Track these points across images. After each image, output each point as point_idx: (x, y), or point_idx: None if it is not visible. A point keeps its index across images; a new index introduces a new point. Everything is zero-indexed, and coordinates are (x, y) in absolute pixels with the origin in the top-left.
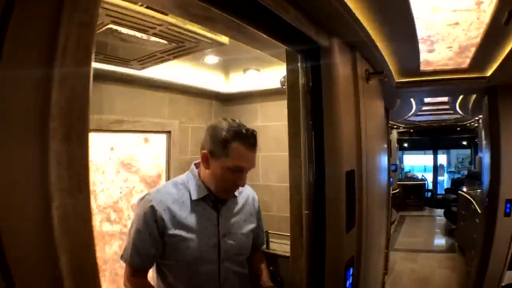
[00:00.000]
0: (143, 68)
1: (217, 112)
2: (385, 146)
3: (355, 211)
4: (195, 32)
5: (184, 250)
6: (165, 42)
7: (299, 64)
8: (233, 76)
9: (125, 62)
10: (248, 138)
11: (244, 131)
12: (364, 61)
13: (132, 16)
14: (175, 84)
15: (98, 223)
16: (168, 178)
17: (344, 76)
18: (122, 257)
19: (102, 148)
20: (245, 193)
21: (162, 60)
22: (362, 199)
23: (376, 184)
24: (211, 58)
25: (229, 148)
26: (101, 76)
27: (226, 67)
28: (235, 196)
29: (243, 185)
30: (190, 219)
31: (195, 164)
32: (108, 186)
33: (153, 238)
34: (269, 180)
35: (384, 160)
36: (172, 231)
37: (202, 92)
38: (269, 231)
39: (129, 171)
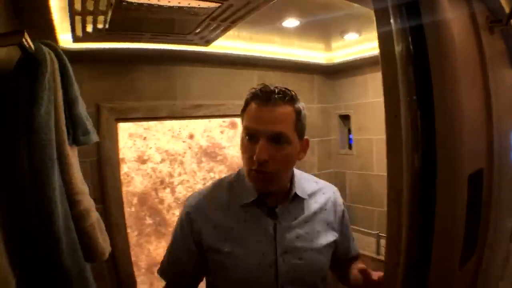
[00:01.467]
0: (207, 43)
1: (321, 88)
2: None
3: (478, 236)
4: None
5: (229, 270)
6: (203, 5)
7: (392, 25)
8: (335, 44)
9: (180, 39)
10: (262, 93)
11: (264, 89)
12: (481, 4)
13: None
14: (264, 59)
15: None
16: None
17: (459, 32)
18: (158, 270)
19: (177, 137)
20: (320, 195)
21: (223, 29)
22: (490, 216)
23: None
24: (290, 22)
25: (245, 110)
26: (172, 58)
27: (324, 32)
28: (303, 199)
29: (258, 158)
30: (238, 229)
31: None
32: (188, 178)
33: (190, 253)
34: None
35: None
36: (214, 245)
37: (299, 66)
38: None
39: (213, 161)
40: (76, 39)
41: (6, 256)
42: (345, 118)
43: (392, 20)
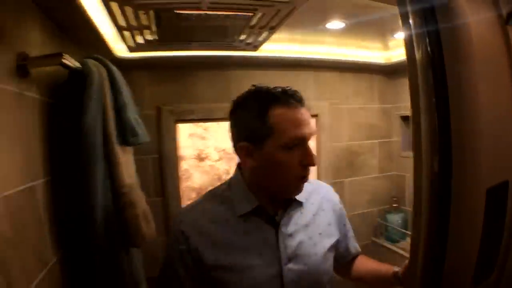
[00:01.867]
0: (255, 48)
1: (381, 89)
2: None
3: (498, 256)
4: None
5: (234, 286)
6: (236, 14)
7: (412, 28)
8: (392, 42)
9: (227, 46)
10: (289, 96)
11: (279, 89)
12: None
13: None
14: (319, 60)
15: None
16: (318, 166)
17: (479, 30)
18: None
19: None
20: (317, 196)
21: (264, 35)
22: None
23: None
24: (335, 24)
25: (270, 120)
26: (224, 63)
27: (379, 32)
28: (301, 204)
29: (313, 163)
30: (239, 242)
31: (238, 166)
32: None
33: (188, 271)
34: None
35: None
36: (215, 262)
37: (357, 66)
38: None
39: None
40: (130, 49)
41: (50, 237)
42: (406, 120)
43: (412, 23)
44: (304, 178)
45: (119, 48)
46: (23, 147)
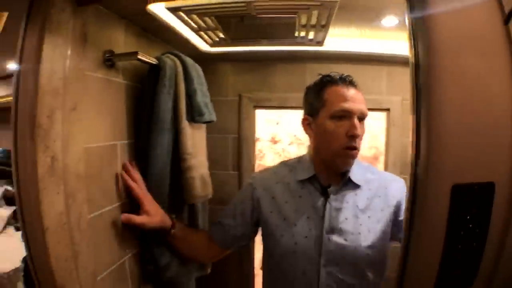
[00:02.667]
0: (318, 44)
1: None
2: None
3: (479, 264)
4: None
5: (278, 240)
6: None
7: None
8: None
9: (291, 42)
10: (343, 78)
11: (337, 75)
12: None
13: None
14: (391, 55)
15: None
16: (386, 161)
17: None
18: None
19: None
20: (377, 184)
21: (320, 32)
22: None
23: None
24: (390, 20)
25: (324, 95)
26: (298, 56)
27: None
28: (358, 186)
29: (356, 134)
30: (291, 203)
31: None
32: None
33: (243, 219)
34: None
35: None
36: (268, 214)
37: None
38: None
39: None
40: (210, 45)
41: (118, 183)
42: None
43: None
44: (349, 149)
45: (202, 44)
46: (111, 116)
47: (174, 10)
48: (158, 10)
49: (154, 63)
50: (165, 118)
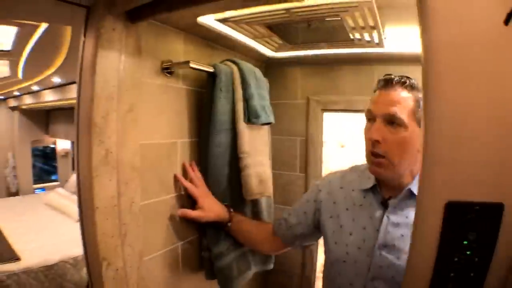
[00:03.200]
0: (377, 45)
1: None
2: None
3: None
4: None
5: (331, 246)
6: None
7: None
8: None
9: (350, 44)
10: (383, 80)
11: (386, 76)
12: None
13: None
14: None
15: None
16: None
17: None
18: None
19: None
20: None
21: (376, 32)
22: None
23: None
24: None
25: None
26: (363, 59)
27: None
28: (415, 195)
29: (369, 136)
30: (351, 211)
31: None
32: None
33: (304, 219)
34: None
35: None
36: (327, 219)
37: None
38: None
39: None
40: (274, 50)
41: (174, 177)
42: None
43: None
44: (368, 154)
45: (265, 50)
46: (170, 117)
47: (223, 21)
48: (209, 21)
49: (210, 70)
50: (223, 120)
